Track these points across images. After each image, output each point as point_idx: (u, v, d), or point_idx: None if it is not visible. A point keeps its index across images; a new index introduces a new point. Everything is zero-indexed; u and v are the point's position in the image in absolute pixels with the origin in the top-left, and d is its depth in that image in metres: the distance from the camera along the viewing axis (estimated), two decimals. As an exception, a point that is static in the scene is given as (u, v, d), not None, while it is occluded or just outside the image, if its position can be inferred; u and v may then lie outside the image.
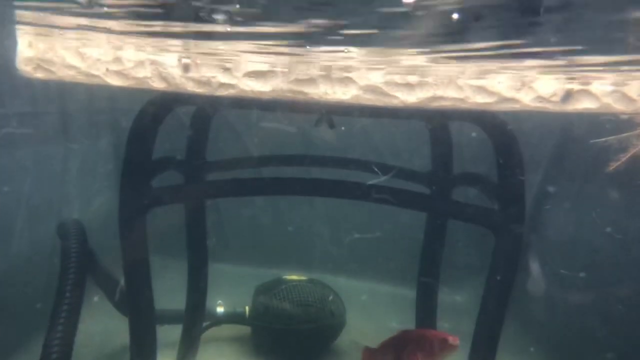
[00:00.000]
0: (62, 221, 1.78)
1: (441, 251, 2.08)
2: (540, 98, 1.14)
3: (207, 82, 1.20)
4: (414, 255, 2.19)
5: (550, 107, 1.14)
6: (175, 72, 1.19)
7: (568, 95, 1.14)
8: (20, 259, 2.40)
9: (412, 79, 1.20)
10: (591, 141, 1.50)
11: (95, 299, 2.03)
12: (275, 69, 1.23)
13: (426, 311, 2.14)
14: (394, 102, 1.22)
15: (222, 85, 1.21)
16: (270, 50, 1.22)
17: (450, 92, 1.19)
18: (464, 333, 2.45)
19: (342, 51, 1.20)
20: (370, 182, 1.41)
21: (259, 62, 1.22)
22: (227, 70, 1.20)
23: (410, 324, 2.14)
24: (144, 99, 1.37)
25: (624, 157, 1.44)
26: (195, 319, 2.22)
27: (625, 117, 1.21)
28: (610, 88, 1.13)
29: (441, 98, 1.21)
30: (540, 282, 1.60)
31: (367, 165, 2.14)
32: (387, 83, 1.21)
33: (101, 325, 2.34)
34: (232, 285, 2.88)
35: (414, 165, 2.14)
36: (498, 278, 1.33)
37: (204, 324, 2.34)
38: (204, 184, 1.78)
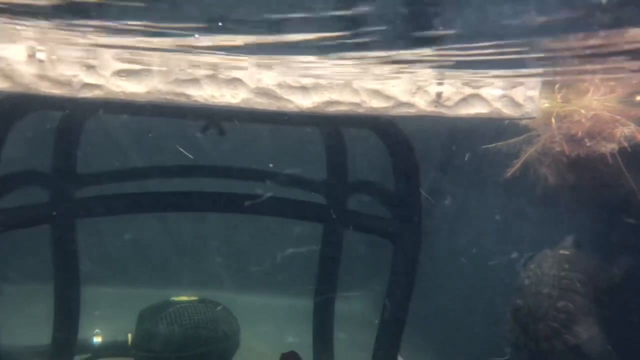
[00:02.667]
0: None
1: (338, 261, 2.03)
2: (435, 102, 1.12)
3: (67, 82, 1.02)
4: (310, 267, 2.12)
5: (444, 111, 1.13)
6: (26, 70, 0.99)
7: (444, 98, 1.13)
8: None
9: (307, 81, 1.12)
10: (482, 147, 1.55)
11: None
12: (151, 67, 1.08)
13: (323, 323, 2.08)
14: (288, 107, 1.14)
15: (86, 85, 1.03)
16: (145, 46, 1.06)
17: (347, 96, 1.13)
18: (360, 343, 2.44)
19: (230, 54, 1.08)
20: (266, 195, 1.31)
21: (131, 60, 1.06)
22: (91, 68, 1.03)
23: (307, 337, 2.07)
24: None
25: (517, 163, 1.50)
26: (64, 353, 1.94)
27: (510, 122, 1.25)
28: (499, 92, 1.14)
29: (337, 102, 1.14)
30: None
31: (260, 175, 2.04)
32: (280, 86, 1.12)
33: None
34: (113, 310, 2.61)
35: (311, 174, 2.08)
36: (398, 286, 1.29)
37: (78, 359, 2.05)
38: (72, 203, 1.55)
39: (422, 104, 1.12)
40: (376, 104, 1.14)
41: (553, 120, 1.42)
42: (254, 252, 3.27)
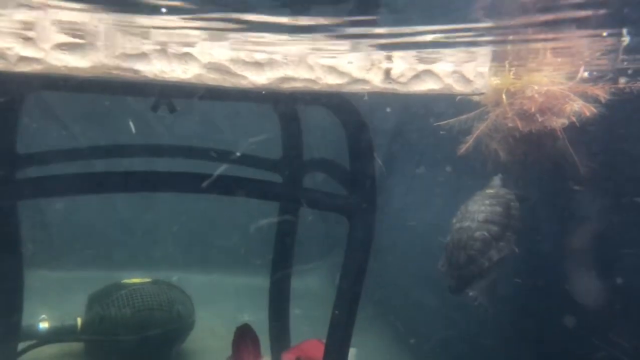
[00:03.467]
0: None
1: (294, 238, 2.04)
2: (389, 79, 1.13)
3: (0, 55, 0.95)
4: (266, 244, 2.12)
5: (398, 88, 1.14)
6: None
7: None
8: None
9: (261, 57, 1.10)
10: (435, 124, 1.57)
11: None
12: (96, 40, 1.03)
13: (279, 299, 2.09)
14: (242, 83, 1.11)
15: (23, 59, 0.97)
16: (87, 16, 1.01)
17: (302, 72, 1.12)
18: (316, 318, 2.48)
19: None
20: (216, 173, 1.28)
21: (74, 33, 1.00)
22: (29, 40, 0.97)
23: (262, 314, 2.08)
24: None
25: (470, 139, 1.54)
26: (6, 339, 1.86)
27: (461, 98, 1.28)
28: (450, 68, 1.16)
29: (292, 79, 1.13)
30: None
31: (213, 154, 2.00)
32: (233, 61, 1.09)
33: None
34: (61, 294, 2.52)
35: (266, 152, 2.06)
36: (353, 261, 1.31)
37: (22, 346, 1.97)
38: (11, 185, 1.47)
39: (376, 80, 1.13)
40: (331, 80, 1.13)
41: (504, 97, 1.46)
42: (208, 230, 3.23)
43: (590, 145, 1.48)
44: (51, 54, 0.99)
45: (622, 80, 1.43)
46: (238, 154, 2.03)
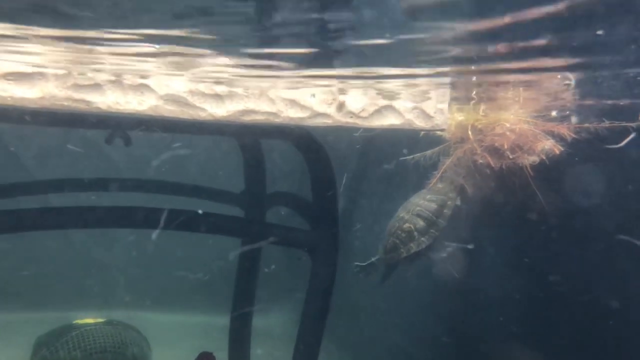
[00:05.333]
0: None
1: (256, 275, 1.98)
2: (351, 113, 1.13)
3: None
4: (226, 281, 2.05)
5: (360, 122, 1.13)
6: None
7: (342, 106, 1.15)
8: None
9: (221, 89, 1.08)
10: (400, 158, 1.58)
11: None
12: (45, 70, 0.98)
13: (240, 339, 2.01)
14: (201, 115, 1.08)
15: (-34, 88, 0.91)
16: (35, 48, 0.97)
17: (263, 106, 1.10)
18: (278, 358, 2.40)
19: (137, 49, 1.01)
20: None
21: (21, 62, 0.96)
22: (-28, 68, 0.92)
23: (223, 354, 1.99)
24: None
25: (437, 173, 1.55)
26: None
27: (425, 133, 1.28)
28: (411, 105, 1.17)
29: (253, 112, 1.11)
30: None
31: (173, 188, 1.95)
32: (192, 93, 1.06)
33: None
34: (7, 337, 2.36)
35: (229, 186, 2.02)
36: (315, 298, 1.27)
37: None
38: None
39: (339, 114, 1.12)
40: (293, 113, 1.12)
41: (470, 133, 1.49)
42: (166, 267, 3.11)
43: (555, 182, 1.53)
44: (-4, 84, 0.94)
45: (574, 120, 1.50)
46: (198, 186, 1.98)
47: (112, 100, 1.04)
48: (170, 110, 1.09)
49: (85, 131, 2.40)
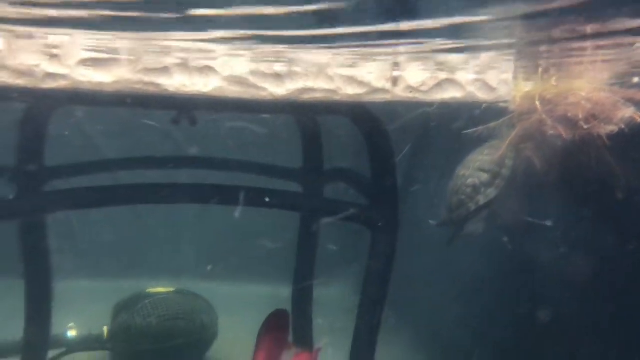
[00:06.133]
0: None
1: (315, 248, 2.03)
2: (410, 88, 1.12)
3: (28, 72, 0.97)
4: (288, 254, 2.12)
5: (419, 96, 1.13)
6: (-15, 58, 0.95)
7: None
8: None
9: (281, 68, 1.10)
10: (463, 132, 1.55)
11: None
12: (119, 56, 1.04)
13: (302, 310, 2.08)
14: (262, 95, 1.11)
15: (50, 75, 0.99)
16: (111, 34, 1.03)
17: (321, 83, 1.12)
18: (338, 328, 2.46)
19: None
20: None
21: (97, 49, 1.02)
22: (54, 57, 0.99)
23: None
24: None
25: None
26: (36, 348, 1.90)
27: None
28: (473, 77, 1.15)
29: (312, 90, 1.12)
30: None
31: (234, 165, 2.02)
32: (253, 73, 1.09)
33: None
34: (88, 303, 2.56)
35: (285, 162, 2.07)
36: (375, 274, 1.30)
37: (52, 355, 2.01)
38: (40, 197, 1.50)
39: (397, 89, 1.12)
40: (351, 90, 1.13)
41: (538, 104, 1.43)
42: (230, 241, 3.25)
43: (635, 152, 1.44)
44: (76, 70, 1.01)
45: None
46: (258, 163, 2.04)
47: (179, 83, 1.09)
48: (233, 91, 1.12)
49: (149, 112, 2.51)
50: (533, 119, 1.45)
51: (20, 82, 0.96)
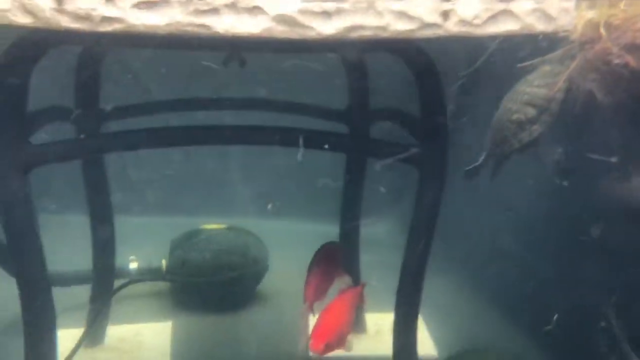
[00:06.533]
0: None
1: (362, 188, 2.06)
2: (463, 22, 1.08)
3: (86, 17, 1.00)
4: (335, 192, 2.16)
5: (473, 30, 1.08)
6: (45, 3, 0.97)
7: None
8: None
9: (329, 5, 1.08)
10: (518, 65, 1.48)
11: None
12: (170, -3, 1.05)
13: (349, 245, 2.15)
14: (310, 34, 1.10)
15: (106, 19, 1.01)
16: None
17: (370, 20, 1.09)
18: (385, 264, 2.52)
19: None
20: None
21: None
22: (110, 0, 1.00)
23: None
24: (7, 39, 1.14)
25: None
26: (104, 276, 2.07)
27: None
28: (530, 6, 1.08)
29: (361, 27, 1.10)
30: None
31: (280, 106, 2.04)
32: (302, 12, 1.08)
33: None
34: (146, 238, 2.72)
35: (331, 103, 2.07)
36: (423, 213, 1.32)
37: (118, 285, 2.18)
38: (97, 138, 1.58)
39: (450, 24, 1.08)
40: (401, 26, 1.09)
41: (603, 31, 1.32)
42: (278, 180, 3.32)
43: None
44: (130, 13, 1.02)
45: None
46: (303, 104, 2.05)
47: (228, 24, 1.09)
48: (281, 31, 1.11)
49: (197, 54, 2.52)
50: (597, 48, 1.35)
51: (78, 26, 0.98)
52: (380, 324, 2.26)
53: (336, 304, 1.54)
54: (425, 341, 2.13)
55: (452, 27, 1.08)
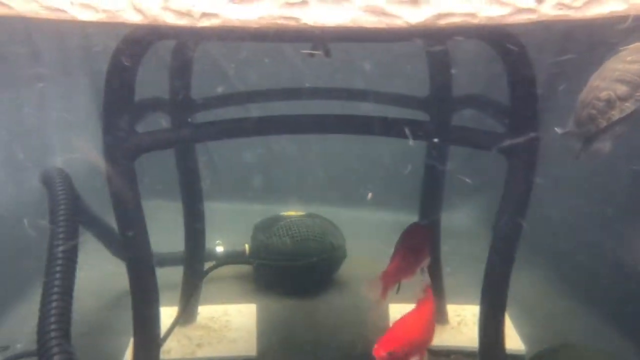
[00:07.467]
0: (44, 170, 1.70)
1: (443, 177, 2.03)
2: (560, 4, 1.03)
3: (187, 13, 1.06)
4: (414, 181, 2.15)
5: (572, 14, 1.02)
6: (152, 2, 1.05)
7: None
8: (3, 213, 2.33)
9: (417, -7, 1.07)
10: (621, 48, 1.39)
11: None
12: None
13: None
14: (397, 23, 1.10)
15: (205, 15, 1.07)
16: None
17: (460, 6, 1.06)
18: (464, 255, 2.47)
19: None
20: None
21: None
22: (207, -4, 1.06)
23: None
24: (119, 35, 1.24)
25: None
26: (195, 259, 2.20)
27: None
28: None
29: (450, 14, 1.08)
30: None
31: (361, 95, 2.04)
32: (389, 1, 1.08)
33: (98, 270, 2.33)
34: (229, 223, 2.85)
35: (410, 90, 2.05)
36: (512, 203, 1.28)
37: (207, 268, 2.31)
38: (195, 127, 1.68)
39: (546, 7, 1.03)
40: (492, 12, 1.06)
41: None
42: (357, 168, 3.34)
43: None
44: (226, 8, 1.07)
45: None
46: (383, 92, 2.04)
47: (316, 15, 1.11)
48: (368, 21, 1.12)
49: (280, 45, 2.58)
50: None
51: (181, 22, 1.05)
52: (462, 315, 2.23)
53: (413, 315, 1.49)
54: (511, 336, 2.08)
55: (548, 10, 1.03)
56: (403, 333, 1.38)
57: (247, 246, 2.63)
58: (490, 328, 1.43)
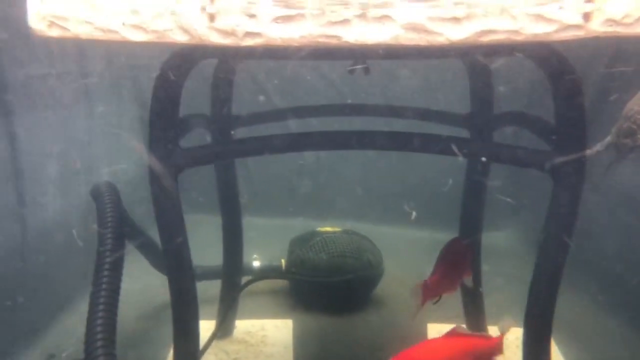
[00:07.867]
0: (95, 184, 1.76)
1: (483, 195, 1.99)
2: (610, 21, 1.00)
3: (231, 32, 1.09)
4: (453, 200, 2.11)
5: (621, 30, 1.00)
6: (198, 23, 1.08)
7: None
8: (53, 223, 2.41)
9: (459, 11, 1.07)
10: None
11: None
12: (304, 10, 1.11)
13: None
14: (438, 40, 1.09)
15: (248, 34, 1.09)
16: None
17: (503, 24, 1.05)
18: (505, 275, 2.41)
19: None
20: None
21: (287, 5, 1.09)
22: (252, 16, 1.09)
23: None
24: (164, 54, 1.28)
25: None
26: (233, 273, 2.22)
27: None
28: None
29: (492, 32, 1.07)
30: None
31: (401, 111, 2.04)
32: (431, 19, 1.08)
33: (140, 283, 2.38)
34: (266, 238, 2.88)
35: (449, 107, 2.03)
36: (558, 224, 1.24)
37: (244, 282, 2.33)
38: (237, 143, 1.70)
39: (594, 24, 1.01)
40: (537, 29, 1.05)
41: None
42: (395, 186, 3.32)
43: None
44: (269, 27, 1.09)
45: None
46: (423, 109, 2.03)
47: (358, 33, 1.12)
48: (409, 38, 1.12)
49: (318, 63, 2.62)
50: None
51: (225, 41, 1.07)
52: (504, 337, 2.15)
53: (442, 341, 1.38)
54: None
55: (597, 27, 1.01)
56: (421, 354, 1.30)
57: (283, 261, 2.63)
58: (535, 353, 1.37)
